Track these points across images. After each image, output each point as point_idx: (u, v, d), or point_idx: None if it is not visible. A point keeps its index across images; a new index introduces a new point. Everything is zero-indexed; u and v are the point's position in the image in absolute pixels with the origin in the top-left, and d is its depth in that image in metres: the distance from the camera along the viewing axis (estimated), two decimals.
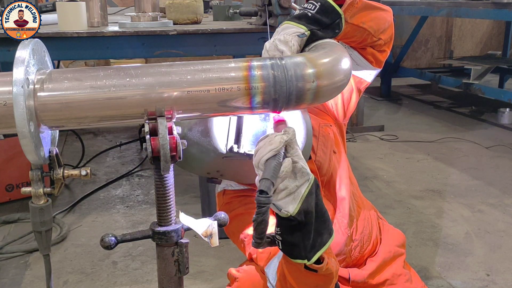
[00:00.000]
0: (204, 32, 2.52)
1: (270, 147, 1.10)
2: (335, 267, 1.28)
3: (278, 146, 1.10)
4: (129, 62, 4.96)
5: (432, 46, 7.96)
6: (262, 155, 1.10)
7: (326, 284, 1.30)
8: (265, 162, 1.10)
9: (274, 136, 1.11)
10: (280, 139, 1.11)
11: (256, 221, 1.07)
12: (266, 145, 1.10)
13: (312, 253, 1.20)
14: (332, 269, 1.26)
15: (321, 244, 1.20)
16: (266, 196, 1.05)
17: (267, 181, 1.05)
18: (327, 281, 1.29)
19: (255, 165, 1.12)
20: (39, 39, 1.08)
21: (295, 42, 1.22)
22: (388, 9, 1.56)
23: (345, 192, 1.73)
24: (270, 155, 1.09)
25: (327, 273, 1.25)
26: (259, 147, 1.12)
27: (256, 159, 1.11)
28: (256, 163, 1.12)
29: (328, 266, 1.24)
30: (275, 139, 1.11)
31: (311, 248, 1.19)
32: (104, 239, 1.14)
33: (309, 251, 1.19)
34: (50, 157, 1.09)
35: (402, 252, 1.87)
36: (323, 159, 1.69)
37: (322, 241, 1.20)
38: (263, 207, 1.05)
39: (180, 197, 3.27)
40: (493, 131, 4.93)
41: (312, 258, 1.20)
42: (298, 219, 1.14)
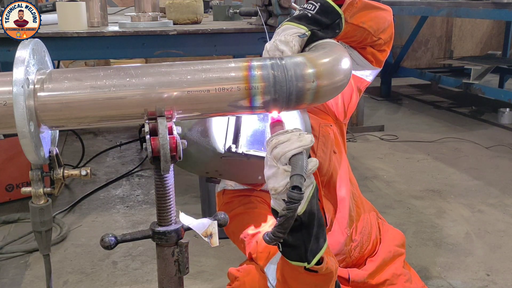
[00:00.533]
0: (204, 32, 2.52)
1: (300, 143, 1.09)
2: (334, 266, 1.28)
3: (309, 144, 1.10)
4: (129, 62, 4.96)
5: (432, 46, 7.96)
6: (289, 149, 1.09)
7: (326, 284, 1.30)
8: (291, 156, 1.09)
9: (299, 134, 1.11)
10: (311, 137, 1.11)
11: (285, 216, 1.06)
12: (294, 141, 1.09)
13: (311, 256, 1.20)
14: (331, 268, 1.26)
15: (318, 248, 1.21)
16: (299, 192, 1.04)
17: (301, 177, 1.04)
18: (327, 280, 1.29)
19: (276, 157, 1.11)
20: (39, 39, 1.08)
21: (296, 42, 1.22)
22: (388, 8, 1.56)
23: (345, 192, 1.73)
24: (298, 151, 1.09)
25: (327, 273, 1.25)
26: (280, 141, 1.11)
27: (280, 151, 1.10)
28: (278, 156, 1.10)
29: (328, 266, 1.24)
30: (305, 136, 1.10)
31: (311, 251, 1.20)
32: (104, 239, 1.14)
33: (309, 253, 1.20)
34: (50, 157, 1.09)
35: (402, 252, 1.87)
36: (323, 159, 1.69)
37: (318, 245, 1.21)
38: (296, 203, 1.05)
39: (180, 197, 3.27)
40: (493, 131, 4.93)
41: (312, 261, 1.20)
42: (302, 219, 1.14)
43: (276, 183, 1.11)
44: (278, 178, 1.11)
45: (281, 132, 1.13)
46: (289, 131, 1.13)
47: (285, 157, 1.09)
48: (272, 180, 1.12)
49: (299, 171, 1.05)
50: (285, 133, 1.12)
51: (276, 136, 1.12)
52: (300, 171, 1.05)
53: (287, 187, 1.09)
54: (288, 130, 1.13)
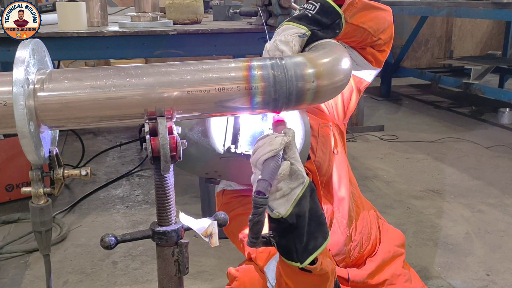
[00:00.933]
0: (204, 32, 2.52)
1: (270, 147, 1.10)
2: (330, 267, 1.28)
3: (278, 148, 1.10)
4: (129, 62, 4.96)
5: (432, 46, 7.96)
6: (261, 155, 1.10)
7: (323, 284, 1.30)
8: (263, 162, 1.10)
9: (275, 137, 1.11)
10: (281, 140, 1.11)
11: (252, 221, 1.07)
12: (266, 145, 1.10)
13: (305, 257, 1.20)
14: (326, 269, 1.26)
15: (315, 248, 1.21)
16: (263, 197, 1.05)
17: (265, 182, 1.05)
18: (322, 280, 1.29)
19: (253, 163, 1.12)
20: (39, 39, 1.08)
21: (296, 42, 1.22)
22: (388, 8, 1.56)
23: (344, 192, 1.73)
24: (269, 156, 1.09)
25: (321, 273, 1.25)
26: (258, 146, 1.12)
27: (255, 157, 1.11)
28: (254, 162, 1.12)
29: (322, 267, 1.24)
30: (276, 140, 1.11)
31: (303, 251, 1.19)
32: (104, 239, 1.14)
33: (301, 254, 1.19)
34: (50, 157, 1.09)
35: (402, 252, 1.87)
36: (323, 159, 1.69)
37: (316, 244, 1.21)
38: (260, 207, 1.06)
39: (180, 197, 3.27)
40: (493, 131, 4.93)
41: (305, 262, 1.20)
42: (289, 222, 1.14)
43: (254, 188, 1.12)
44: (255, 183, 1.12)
45: (262, 137, 1.14)
46: (268, 135, 1.13)
47: (258, 162, 1.11)
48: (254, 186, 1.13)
49: (264, 176, 1.06)
50: (265, 137, 1.13)
51: (258, 141, 1.14)
52: (266, 176, 1.06)
53: None
54: (268, 134, 1.14)
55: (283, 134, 1.13)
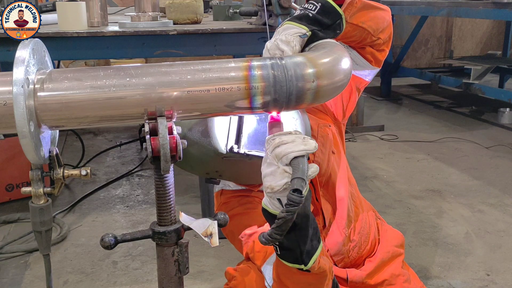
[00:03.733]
0: (204, 32, 2.52)
1: (305, 147, 1.08)
2: (327, 265, 1.29)
3: (313, 150, 1.09)
4: (129, 62, 4.96)
5: (432, 46, 7.96)
6: (292, 151, 1.08)
7: (321, 283, 1.30)
8: (293, 158, 1.08)
9: (309, 139, 1.11)
10: (315, 144, 1.10)
11: (284, 218, 1.05)
12: (299, 144, 1.09)
13: (308, 258, 1.20)
14: (324, 267, 1.26)
15: (313, 250, 1.21)
16: (300, 195, 1.03)
17: (303, 181, 1.04)
18: (320, 279, 1.29)
19: (278, 155, 1.10)
20: (39, 39, 1.08)
21: (296, 42, 1.22)
22: (387, 8, 1.56)
23: (343, 192, 1.73)
24: (301, 154, 1.08)
25: (319, 272, 1.25)
26: (283, 141, 1.10)
27: (282, 151, 1.09)
28: (280, 155, 1.09)
29: (320, 265, 1.25)
30: (310, 141, 1.10)
31: (307, 253, 1.20)
32: (104, 239, 1.14)
33: (305, 256, 1.20)
34: (50, 157, 1.09)
35: (401, 253, 1.87)
36: (322, 160, 1.69)
37: (313, 246, 1.21)
38: (296, 206, 1.04)
39: (180, 197, 3.27)
40: (493, 131, 4.93)
41: (309, 263, 1.20)
42: (296, 222, 1.14)
43: (273, 182, 1.11)
44: (276, 177, 1.10)
45: (284, 133, 1.13)
46: (293, 133, 1.12)
47: (287, 157, 1.09)
48: (270, 178, 1.11)
49: (301, 175, 1.05)
50: (289, 134, 1.12)
51: (279, 136, 1.12)
52: (302, 175, 1.05)
53: (284, 187, 1.09)
54: (291, 131, 1.13)
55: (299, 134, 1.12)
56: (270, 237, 1.10)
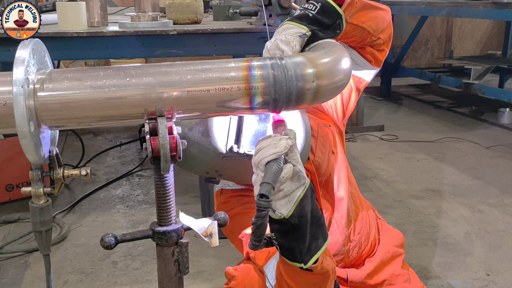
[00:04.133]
0: (204, 32, 2.52)
1: (274, 150, 1.09)
2: (331, 265, 1.28)
3: (283, 151, 1.09)
4: (129, 62, 4.96)
5: (432, 46, 7.96)
6: (264, 156, 1.10)
7: (324, 282, 1.30)
8: (266, 163, 1.09)
9: (279, 139, 1.11)
10: (285, 144, 1.10)
11: (255, 224, 1.07)
12: (270, 147, 1.10)
13: (308, 257, 1.20)
14: (327, 267, 1.26)
15: (317, 248, 1.21)
16: (267, 200, 1.04)
17: (268, 185, 1.05)
18: (323, 279, 1.29)
19: (255, 164, 1.12)
20: (39, 39, 1.08)
21: (296, 42, 1.22)
22: (386, 8, 1.56)
23: (343, 192, 1.73)
24: (272, 158, 1.09)
25: (322, 272, 1.25)
26: (261, 147, 1.11)
27: (257, 158, 1.11)
28: (256, 163, 1.11)
29: (323, 265, 1.24)
30: (281, 142, 1.10)
31: (307, 252, 1.20)
32: (104, 239, 1.14)
33: (305, 254, 1.20)
34: (50, 157, 1.09)
35: (401, 253, 1.87)
36: (322, 160, 1.68)
37: (317, 245, 1.21)
38: (263, 210, 1.05)
39: (180, 197, 3.27)
40: (493, 131, 4.93)
41: (309, 262, 1.20)
42: (291, 222, 1.14)
43: (256, 190, 1.12)
44: (257, 184, 1.11)
45: (265, 137, 1.13)
46: (272, 136, 1.13)
47: (261, 164, 1.10)
48: (255, 187, 1.13)
49: (267, 179, 1.06)
50: (268, 138, 1.13)
51: (260, 141, 1.13)
52: (268, 179, 1.06)
53: None
54: (271, 135, 1.14)
55: (286, 136, 1.13)
56: (251, 243, 1.11)
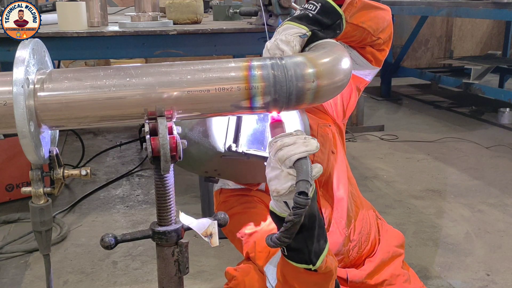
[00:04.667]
0: (204, 32, 2.52)
1: (306, 148, 1.09)
2: (334, 264, 1.29)
3: (314, 150, 1.09)
4: (129, 62, 4.96)
5: (432, 46, 7.96)
6: (294, 153, 1.09)
7: (326, 282, 1.31)
8: (295, 161, 1.09)
9: (305, 138, 1.11)
10: (316, 144, 1.10)
11: (292, 221, 1.06)
12: (300, 145, 1.09)
13: (316, 258, 1.20)
14: (331, 266, 1.27)
15: (321, 250, 1.22)
16: (306, 198, 1.03)
17: (307, 183, 1.04)
18: (327, 279, 1.29)
19: (281, 159, 1.10)
20: (39, 39, 1.08)
21: (297, 42, 1.22)
22: (387, 8, 1.56)
23: (343, 192, 1.73)
24: (303, 155, 1.08)
25: (326, 271, 1.26)
26: (285, 143, 1.10)
27: (285, 154, 1.09)
28: (283, 158, 1.10)
29: (327, 265, 1.25)
30: (311, 142, 1.10)
31: (315, 253, 1.20)
32: (104, 239, 1.14)
33: (314, 255, 1.20)
34: (50, 157, 1.09)
35: (401, 253, 1.87)
36: (322, 159, 1.68)
37: (320, 247, 1.22)
38: (302, 208, 1.04)
39: (180, 197, 3.27)
40: (493, 131, 4.93)
41: (317, 263, 1.20)
42: (303, 222, 1.14)
43: (279, 185, 1.11)
44: (281, 180, 1.10)
45: (285, 134, 1.13)
46: (293, 134, 1.12)
47: (289, 160, 1.09)
48: (275, 182, 1.12)
49: (305, 177, 1.05)
50: (290, 135, 1.12)
51: (281, 138, 1.12)
52: (306, 177, 1.05)
53: (290, 190, 1.09)
54: (292, 132, 1.13)
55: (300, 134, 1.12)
56: (279, 240, 1.10)
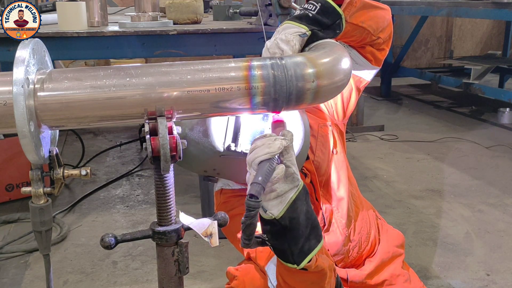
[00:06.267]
0: (204, 32, 2.52)
1: (268, 149, 1.10)
2: (326, 263, 1.29)
3: (276, 151, 1.10)
4: (129, 62, 4.96)
5: (432, 46, 7.96)
6: (257, 156, 1.10)
7: (321, 280, 1.31)
8: (259, 163, 1.10)
9: (274, 140, 1.11)
10: (279, 144, 1.11)
11: (244, 223, 1.08)
12: (264, 147, 1.10)
13: (300, 258, 1.21)
14: (322, 265, 1.26)
15: (310, 249, 1.21)
16: (256, 200, 1.05)
17: (258, 186, 1.06)
18: (320, 277, 1.30)
19: (248, 162, 1.13)
20: (39, 39, 1.08)
21: (296, 42, 1.22)
22: (386, 7, 1.56)
23: (343, 192, 1.73)
24: (265, 158, 1.09)
25: (318, 270, 1.26)
26: (255, 146, 1.12)
27: (251, 157, 1.12)
28: (249, 161, 1.12)
29: (318, 264, 1.25)
30: (275, 143, 1.10)
31: (299, 254, 1.20)
32: (104, 239, 1.14)
33: (297, 256, 1.20)
34: (50, 157, 1.09)
35: (401, 253, 1.87)
36: (322, 159, 1.69)
37: (310, 246, 1.21)
38: (252, 210, 1.06)
39: (180, 197, 3.27)
40: (493, 131, 4.93)
41: (301, 264, 1.21)
42: (281, 224, 1.15)
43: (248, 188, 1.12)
44: (249, 183, 1.12)
45: (260, 137, 1.14)
46: (267, 136, 1.13)
47: (254, 163, 1.11)
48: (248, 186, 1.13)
49: (257, 180, 1.07)
50: (263, 137, 1.13)
51: (255, 141, 1.13)
52: (259, 180, 1.06)
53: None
54: (267, 134, 1.14)
55: (282, 136, 1.13)
56: (242, 242, 1.13)
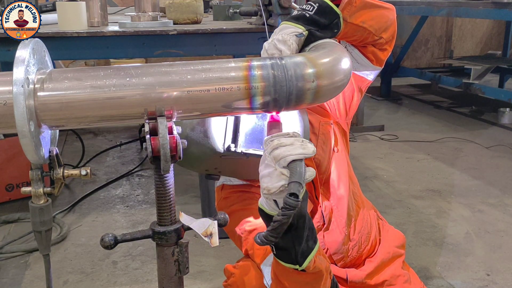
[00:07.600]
0: (204, 32, 2.52)
1: (303, 151, 1.09)
2: (323, 264, 1.29)
3: (311, 154, 1.10)
4: (129, 62, 4.96)
5: (432, 46, 7.96)
6: (290, 154, 1.09)
7: (317, 282, 1.31)
8: (290, 162, 1.09)
9: (308, 143, 1.11)
10: (313, 149, 1.10)
11: (279, 221, 1.06)
12: (297, 147, 1.09)
13: (303, 259, 1.20)
14: (320, 267, 1.26)
15: (309, 250, 1.22)
16: (296, 199, 1.04)
17: (299, 185, 1.05)
18: (317, 278, 1.30)
19: (276, 158, 1.11)
20: (39, 39, 1.08)
21: (293, 41, 1.23)
22: (390, 6, 1.55)
23: (344, 190, 1.73)
24: (298, 157, 1.09)
25: (315, 271, 1.26)
26: (283, 143, 1.11)
27: (281, 154, 1.10)
28: (278, 157, 1.10)
29: (316, 265, 1.25)
30: (309, 146, 1.10)
31: (302, 254, 1.20)
32: (104, 239, 1.15)
33: (300, 256, 1.20)
34: (50, 156, 1.09)
35: (401, 253, 1.86)
36: (322, 157, 1.68)
37: (308, 247, 1.22)
38: (292, 209, 1.04)
39: (180, 197, 3.27)
40: (493, 131, 4.93)
41: (304, 264, 1.21)
42: (292, 222, 1.14)
43: (270, 184, 1.11)
44: (273, 179, 1.11)
45: (283, 134, 1.13)
46: (291, 134, 1.13)
47: (284, 160, 1.09)
48: (267, 180, 1.12)
49: (297, 179, 1.06)
50: (288, 136, 1.12)
51: (278, 137, 1.12)
52: (299, 179, 1.06)
53: (281, 189, 1.10)
54: (289, 133, 1.13)
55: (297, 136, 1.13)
56: (265, 239, 1.11)
